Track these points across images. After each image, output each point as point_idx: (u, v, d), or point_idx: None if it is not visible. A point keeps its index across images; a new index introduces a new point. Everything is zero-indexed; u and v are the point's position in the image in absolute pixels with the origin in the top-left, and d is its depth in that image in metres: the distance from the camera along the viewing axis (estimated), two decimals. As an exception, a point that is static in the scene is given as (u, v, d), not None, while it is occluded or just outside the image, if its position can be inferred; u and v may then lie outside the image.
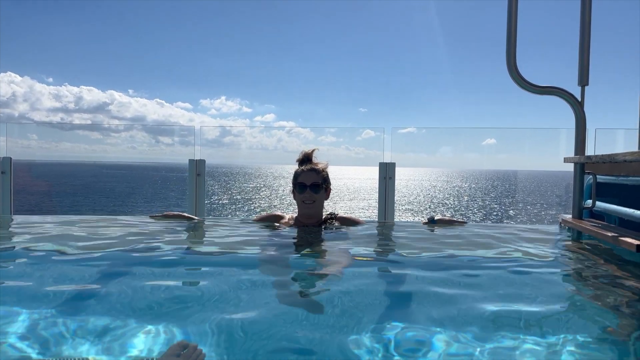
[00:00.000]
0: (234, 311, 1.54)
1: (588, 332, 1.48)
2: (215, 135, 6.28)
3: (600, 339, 1.41)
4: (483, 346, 1.31)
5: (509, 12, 3.21)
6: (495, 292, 1.85)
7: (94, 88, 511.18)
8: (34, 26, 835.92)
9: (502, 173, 62.37)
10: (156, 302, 1.63)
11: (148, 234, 2.88)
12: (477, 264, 2.28)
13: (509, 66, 3.23)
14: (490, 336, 1.38)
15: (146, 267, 2.11)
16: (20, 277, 1.94)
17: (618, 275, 2.13)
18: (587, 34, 3.22)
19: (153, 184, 38.29)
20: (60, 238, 2.71)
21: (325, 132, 6.77)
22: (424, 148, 6.26)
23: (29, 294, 1.70)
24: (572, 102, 3.23)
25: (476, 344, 1.32)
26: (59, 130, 6.99)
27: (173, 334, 1.36)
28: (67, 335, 1.35)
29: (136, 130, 7.28)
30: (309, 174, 2.98)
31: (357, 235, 2.95)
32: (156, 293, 1.74)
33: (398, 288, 1.90)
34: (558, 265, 2.44)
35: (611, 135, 5.00)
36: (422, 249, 2.65)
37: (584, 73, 3.23)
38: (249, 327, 1.41)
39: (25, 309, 1.52)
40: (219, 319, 1.46)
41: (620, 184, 2.96)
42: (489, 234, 3.15)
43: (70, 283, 1.86)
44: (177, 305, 1.60)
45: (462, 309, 1.60)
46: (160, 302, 1.64)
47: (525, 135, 6.55)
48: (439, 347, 1.32)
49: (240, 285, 1.86)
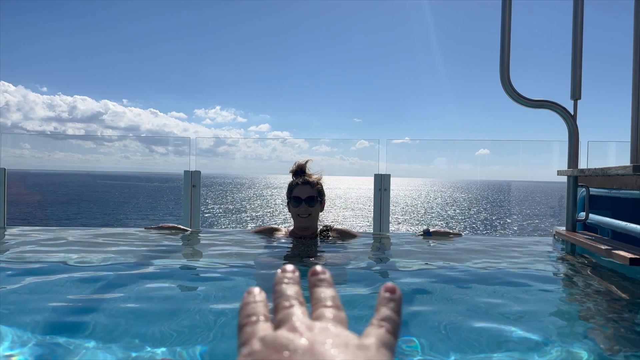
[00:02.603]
0: (228, 324, 1.54)
1: (581, 345, 1.49)
2: (210, 145, 6.28)
3: (593, 352, 1.42)
4: (476, 357, 1.31)
5: (502, 26, 3.25)
6: (490, 304, 1.86)
7: (87, 97, 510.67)
8: (29, 36, 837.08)
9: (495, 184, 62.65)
10: (149, 315, 1.62)
11: (143, 245, 2.87)
12: (471, 276, 2.29)
13: (502, 80, 3.27)
14: (482, 348, 1.38)
15: (141, 279, 2.11)
16: (13, 290, 1.93)
17: (611, 288, 2.14)
18: (579, 48, 3.27)
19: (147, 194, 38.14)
20: (55, 251, 2.69)
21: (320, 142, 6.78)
22: (418, 159, 6.28)
23: (20, 307, 1.69)
24: (565, 116, 3.27)
25: (469, 354, 1.32)
26: (52, 139, 6.93)
27: (167, 347, 1.35)
28: (58, 349, 1.34)
29: (130, 140, 7.24)
30: (304, 187, 2.99)
31: (352, 247, 2.96)
32: (150, 305, 1.73)
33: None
34: (551, 278, 2.45)
35: (603, 147, 5.04)
36: (418, 261, 2.65)
37: (577, 87, 3.27)
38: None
39: (17, 322, 1.51)
40: (212, 332, 1.46)
41: (613, 197, 2.99)
42: (484, 245, 3.16)
43: (64, 296, 1.85)
44: (171, 317, 1.59)
45: (456, 321, 1.61)
46: (154, 314, 1.63)
47: (518, 147, 6.59)
48: (430, 358, 1.32)
49: (235, 297, 1.86)
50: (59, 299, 1.79)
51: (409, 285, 2.11)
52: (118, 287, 1.96)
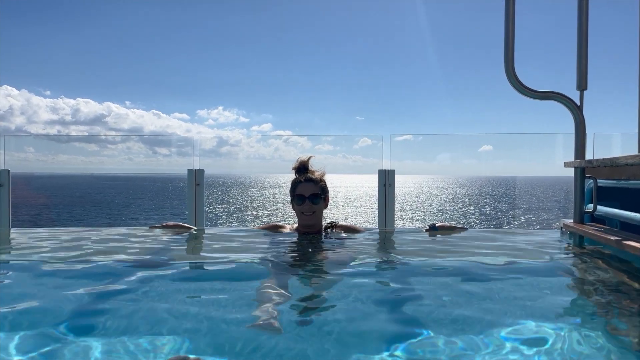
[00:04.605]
0: (236, 321, 1.52)
1: (593, 337, 1.46)
2: (213, 145, 6.26)
3: (606, 343, 1.39)
4: (485, 351, 1.29)
5: (506, 17, 3.22)
6: (497, 298, 1.84)
7: (90, 100, 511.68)
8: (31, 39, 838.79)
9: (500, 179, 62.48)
10: (156, 313, 1.61)
11: (148, 244, 2.86)
12: (479, 270, 2.26)
13: (507, 71, 3.23)
14: (491, 341, 1.36)
15: (147, 277, 2.09)
16: (20, 290, 1.92)
17: (622, 278, 2.11)
18: (585, 38, 3.23)
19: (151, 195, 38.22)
20: (60, 250, 2.68)
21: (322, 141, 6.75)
22: (422, 155, 6.24)
23: (27, 308, 1.67)
24: (572, 107, 3.23)
25: (478, 349, 1.30)
26: (55, 142, 6.92)
27: (174, 346, 1.34)
28: (66, 348, 1.32)
29: (133, 142, 7.23)
30: (307, 185, 2.96)
31: (357, 242, 2.94)
32: (157, 304, 1.72)
33: (400, 294, 1.88)
34: (560, 270, 2.42)
35: (608, 139, 4.99)
36: (424, 255, 2.63)
37: (582, 77, 3.23)
38: (250, 338, 1.39)
39: (23, 322, 1.50)
40: (220, 329, 1.44)
41: (621, 188, 2.95)
42: (490, 239, 3.14)
43: (71, 295, 1.83)
44: (178, 316, 1.58)
45: (464, 315, 1.58)
46: (161, 312, 1.62)
47: (522, 141, 6.54)
48: (441, 352, 1.30)
49: (241, 294, 1.84)
50: (64, 299, 1.78)
51: (417, 279, 2.09)
52: (124, 286, 1.94)
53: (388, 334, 1.45)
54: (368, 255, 2.69)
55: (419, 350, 1.33)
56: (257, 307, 1.60)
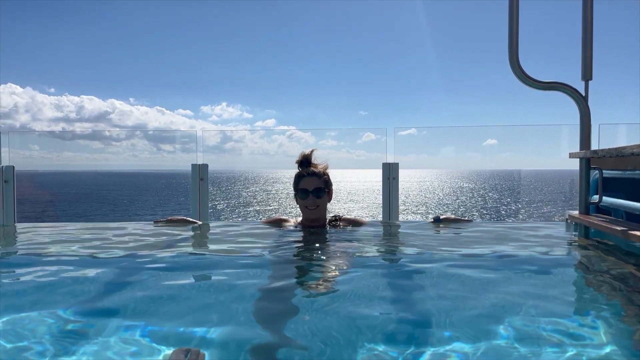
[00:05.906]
0: (239, 314, 1.52)
1: (601, 326, 1.46)
2: (217, 141, 6.26)
3: (614, 334, 1.39)
4: (490, 343, 1.29)
5: (510, 8, 3.20)
6: (504, 289, 1.83)
7: (94, 97, 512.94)
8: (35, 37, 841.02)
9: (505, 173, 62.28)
10: (162, 306, 1.62)
11: (153, 239, 2.87)
12: (484, 262, 2.26)
13: (511, 62, 3.21)
14: (498, 333, 1.35)
15: (152, 271, 2.10)
16: (26, 284, 1.93)
17: (628, 268, 2.10)
18: (590, 28, 3.20)
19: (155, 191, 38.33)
20: (67, 245, 2.69)
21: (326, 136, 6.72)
22: (425, 149, 6.23)
23: (32, 301, 1.69)
24: (577, 97, 3.21)
25: (484, 341, 1.30)
26: (60, 140, 6.94)
27: (178, 338, 1.34)
28: (69, 341, 1.33)
29: (137, 139, 7.24)
30: (311, 179, 2.96)
31: (362, 235, 2.93)
32: (162, 297, 1.72)
33: (405, 286, 1.88)
34: (567, 261, 2.41)
35: (612, 130, 4.96)
36: (430, 247, 2.62)
37: (587, 67, 3.21)
38: (254, 331, 1.40)
39: (29, 315, 1.50)
40: (224, 322, 1.45)
41: (626, 178, 2.94)
42: (495, 231, 3.13)
43: (77, 289, 1.84)
44: (183, 308, 1.58)
45: (470, 307, 1.58)
46: (166, 306, 1.62)
47: (526, 134, 6.51)
48: (446, 344, 1.29)
49: (245, 288, 1.84)
50: (72, 293, 1.79)
51: (422, 271, 2.09)
52: (130, 279, 1.95)
53: (394, 327, 1.45)
54: (372, 248, 2.69)
55: (425, 341, 1.33)
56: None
